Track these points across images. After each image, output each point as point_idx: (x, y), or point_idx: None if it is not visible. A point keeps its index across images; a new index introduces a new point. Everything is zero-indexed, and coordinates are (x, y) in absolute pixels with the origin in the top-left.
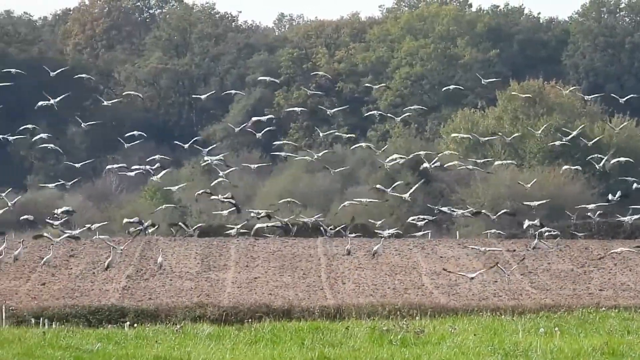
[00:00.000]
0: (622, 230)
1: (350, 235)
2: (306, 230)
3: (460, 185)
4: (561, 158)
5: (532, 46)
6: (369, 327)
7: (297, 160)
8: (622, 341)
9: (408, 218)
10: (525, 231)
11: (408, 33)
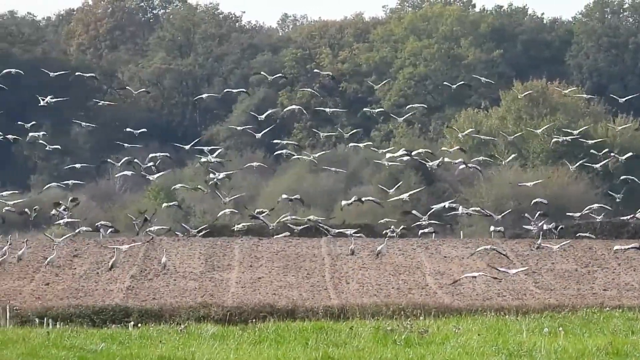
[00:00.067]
0: (626, 230)
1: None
2: (310, 230)
3: (463, 185)
4: (565, 158)
5: (536, 46)
6: (373, 327)
7: (301, 160)
8: (626, 341)
9: (413, 218)
10: (528, 231)
11: (412, 33)
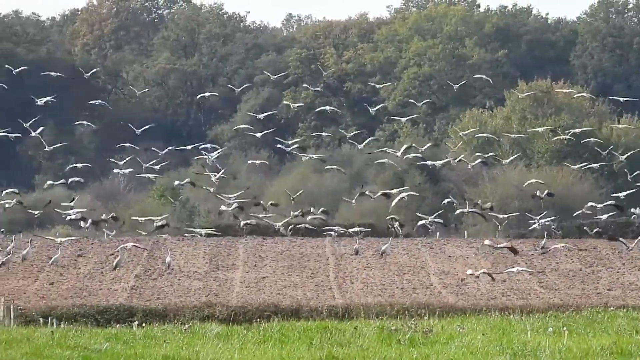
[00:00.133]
0: (631, 230)
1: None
2: (314, 229)
3: (468, 184)
4: (569, 158)
5: (540, 46)
6: (377, 327)
7: (305, 160)
8: (631, 341)
9: (417, 217)
10: (533, 231)
11: (416, 33)
